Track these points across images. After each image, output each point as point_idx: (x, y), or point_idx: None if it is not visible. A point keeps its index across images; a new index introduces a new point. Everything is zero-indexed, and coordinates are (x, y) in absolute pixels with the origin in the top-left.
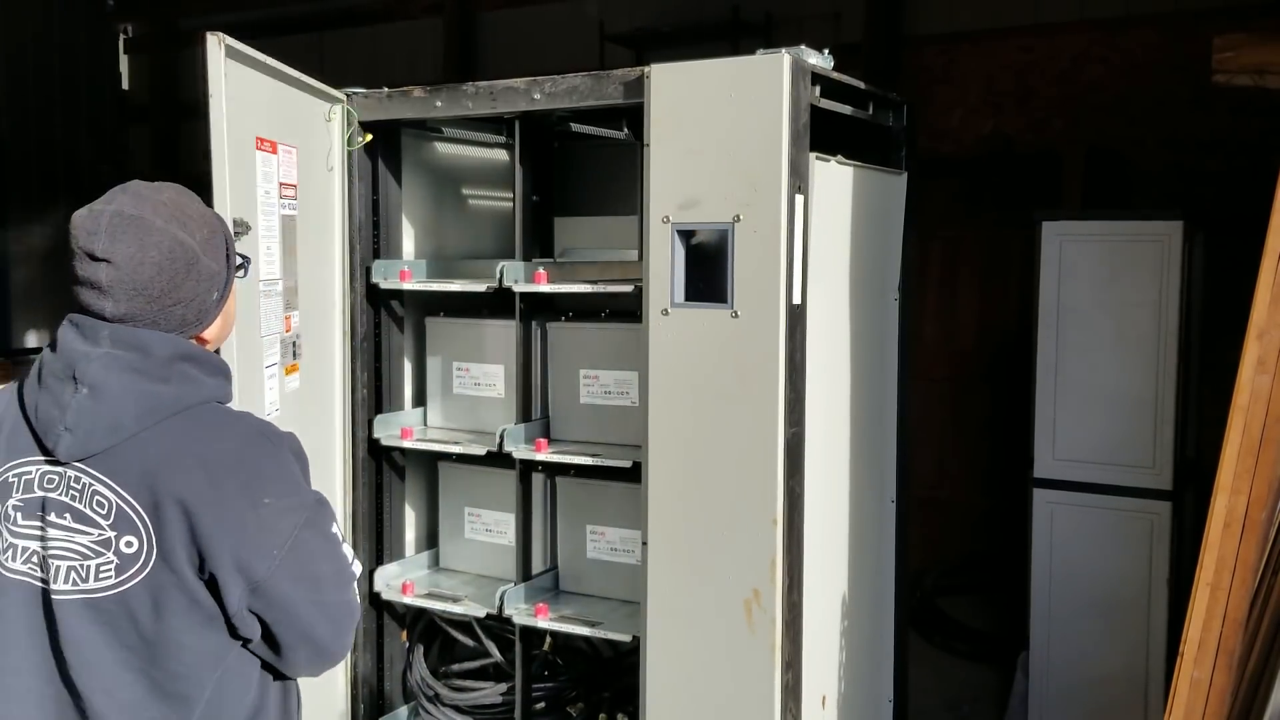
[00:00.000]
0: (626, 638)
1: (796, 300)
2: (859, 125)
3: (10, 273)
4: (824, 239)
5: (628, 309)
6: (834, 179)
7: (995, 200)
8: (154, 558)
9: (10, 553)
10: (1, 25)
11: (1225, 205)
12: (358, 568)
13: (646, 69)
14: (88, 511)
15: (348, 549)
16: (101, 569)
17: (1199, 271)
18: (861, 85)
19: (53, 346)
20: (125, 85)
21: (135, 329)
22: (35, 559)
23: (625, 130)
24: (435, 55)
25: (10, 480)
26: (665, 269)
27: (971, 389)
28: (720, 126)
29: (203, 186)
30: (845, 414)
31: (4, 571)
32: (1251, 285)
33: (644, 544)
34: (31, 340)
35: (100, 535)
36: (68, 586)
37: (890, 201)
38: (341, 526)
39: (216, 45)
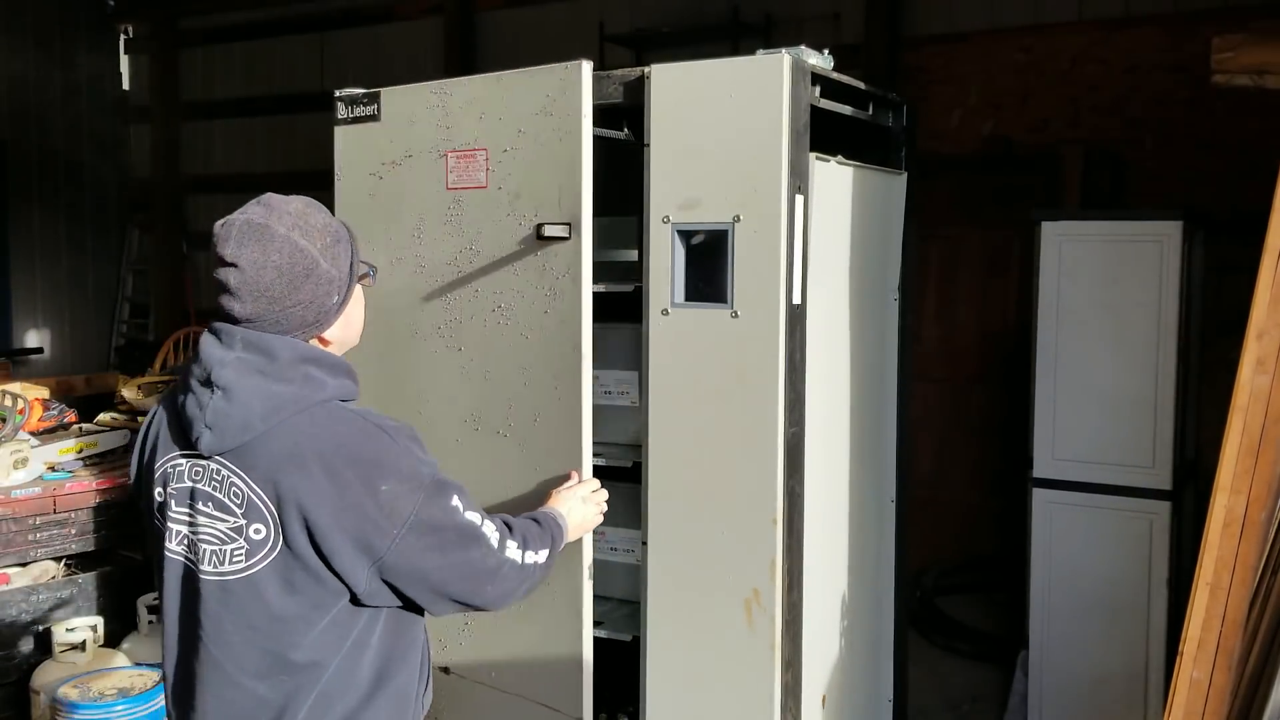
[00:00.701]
0: (626, 637)
1: (796, 300)
2: (859, 125)
3: (10, 273)
4: (824, 239)
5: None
6: (834, 179)
7: (995, 200)
8: (279, 544)
9: (169, 535)
10: (2, 25)
11: (1225, 205)
12: (489, 529)
13: (646, 69)
14: (225, 500)
15: (474, 515)
16: (234, 553)
17: (1198, 271)
18: (861, 85)
19: (196, 353)
20: (125, 85)
21: (263, 335)
22: (186, 541)
23: (625, 130)
24: (435, 55)
25: (168, 471)
26: (665, 269)
27: (971, 389)
28: (720, 126)
29: None
30: (845, 414)
31: (166, 551)
32: (1251, 285)
33: (644, 544)
34: (31, 340)
35: (234, 522)
36: (209, 568)
37: (890, 201)
38: (467, 498)
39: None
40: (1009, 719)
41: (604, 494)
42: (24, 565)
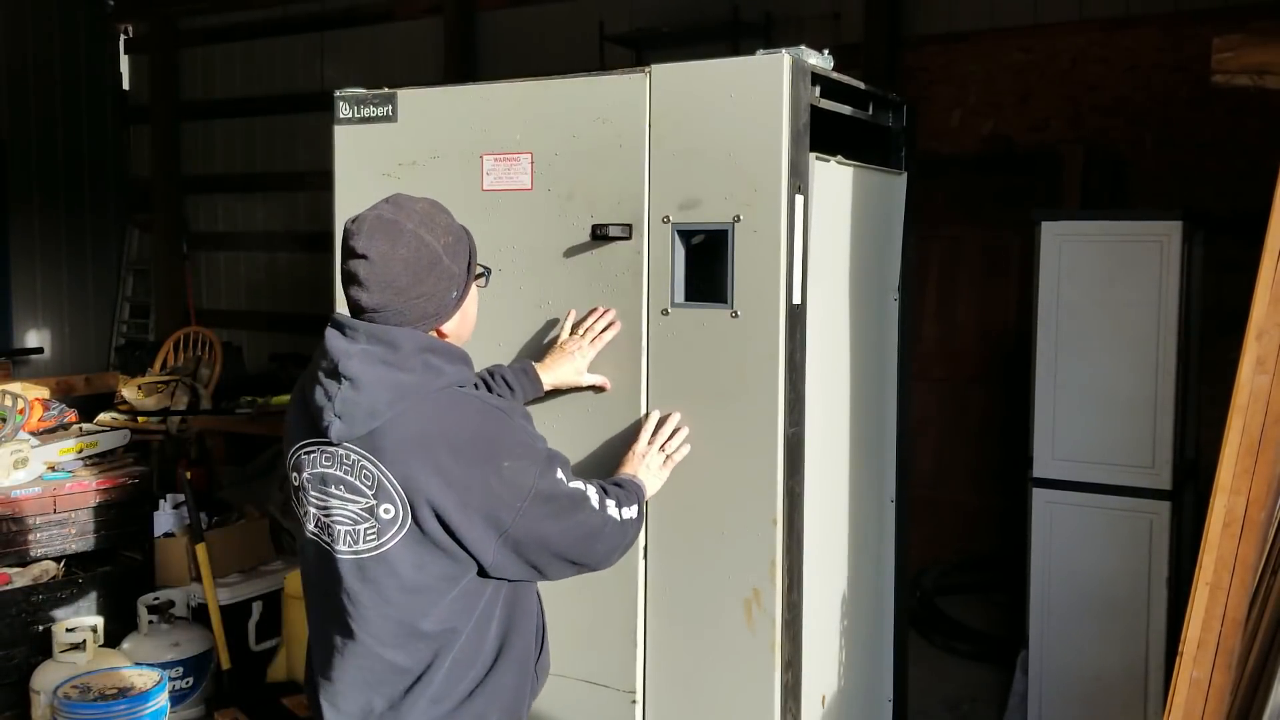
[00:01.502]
0: None
1: (796, 300)
2: (859, 125)
3: (10, 273)
4: (824, 239)
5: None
6: (834, 179)
7: (995, 200)
8: (409, 522)
9: (307, 518)
10: (2, 25)
11: (1225, 205)
12: (590, 492)
13: (647, 69)
14: (357, 483)
15: (577, 482)
16: (366, 533)
17: (1198, 271)
18: (861, 85)
19: (323, 345)
20: (125, 85)
21: (386, 327)
22: (320, 524)
23: None
24: (435, 55)
25: (302, 458)
26: (665, 269)
27: (971, 389)
28: (720, 126)
29: None
30: (845, 414)
31: (307, 533)
32: (1251, 285)
33: (644, 543)
34: (31, 340)
35: (366, 503)
36: (344, 548)
37: (890, 201)
38: (568, 467)
39: None
40: (1009, 719)
41: (680, 447)
42: (24, 565)
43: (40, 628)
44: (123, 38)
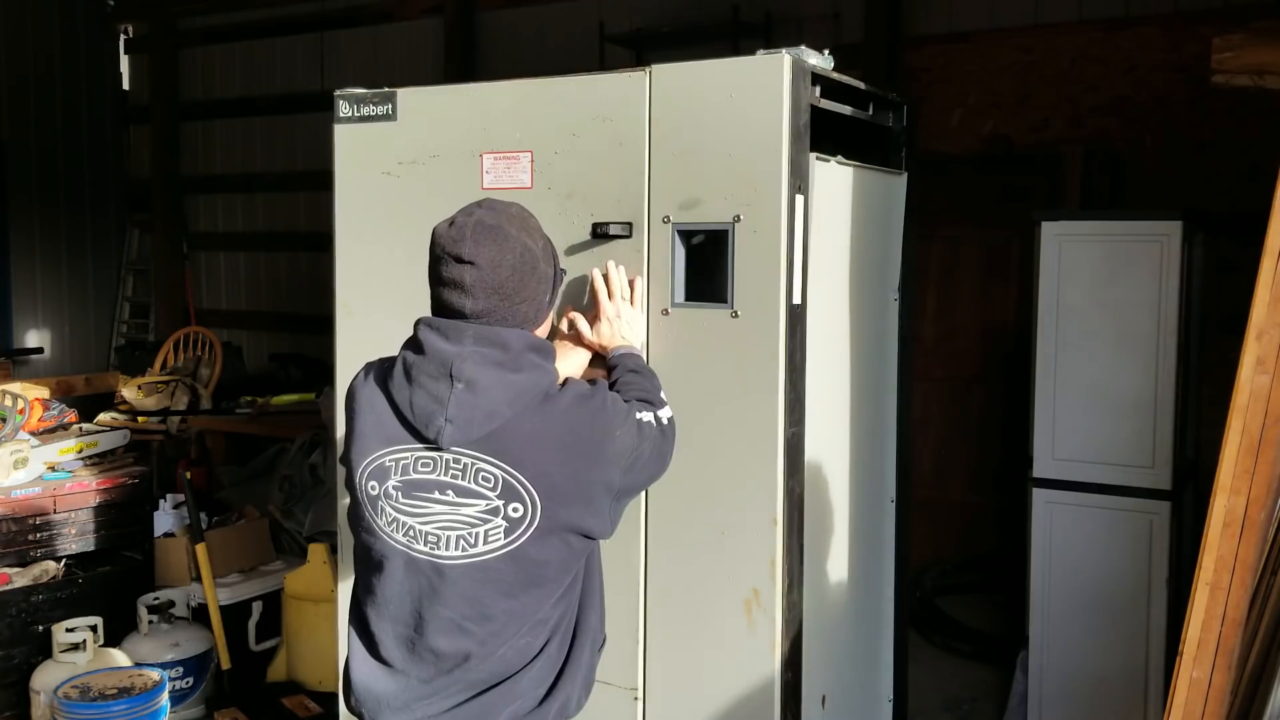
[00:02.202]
0: None
1: (796, 300)
2: (859, 125)
3: (10, 273)
4: (824, 239)
5: None
6: (834, 179)
7: (995, 200)
8: (539, 517)
9: (393, 526)
10: (1, 25)
11: (1225, 205)
12: (646, 416)
13: (647, 69)
14: (473, 486)
15: (638, 412)
16: (490, 533)
17: (1198, 271)
18: (861, 85)
19: (414, 349)
20: (125, 85)
21: (493, 328)
22: (413, 532)
23: None
24: (435, 55)
25: (388, 464)
26: (665, 269)
27: (971, 389)
28: (720, 126)
29: None
30: (845, 414)
31: (390, 541)
32: (1251, 285)
33: (644, 543)
34: (31, 340)
35: (488, 505)
36: (456, 553)
37: (890, 201)
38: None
39: None
40: (1009, 719)
41: (632, 296)
42: (24, 565)
43: (40, 628)
44: (123, 38)
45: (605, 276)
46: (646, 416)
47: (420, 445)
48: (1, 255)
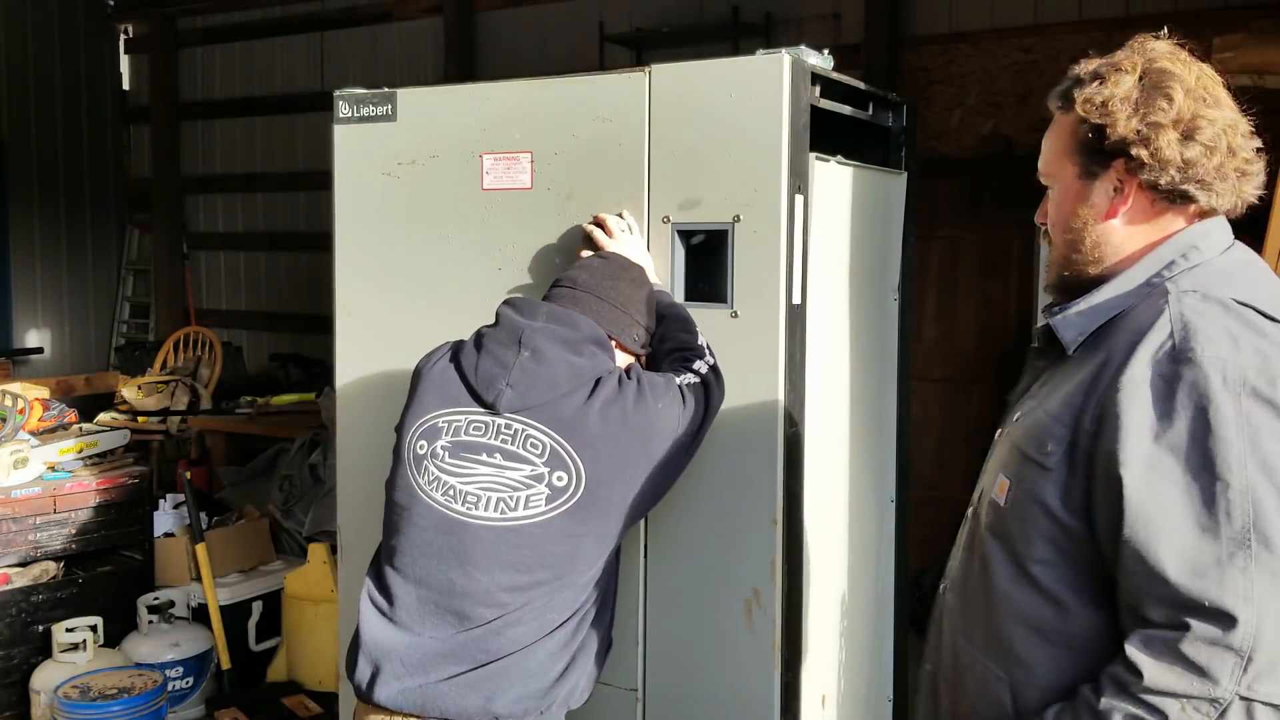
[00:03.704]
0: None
1: (796, 300)
2: (859, 125)
3: (10, 273)
4: (824, 239)
5: None
6: (834, 179)
7: (995, 200)
8: (583, 489)
9: (433, 485)
10: (1, 25)
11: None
12: (687, 380)
13: (646, 69)
14: (521, 451)
15: (680, 377)
16: (532, 499)
17: None
18: (861, 85)
19: (491, 325)
20: (125, 85)
21: (565, 309)
22: (452, 491)
23: None
24: (435, 55)
25: (440, 424)
26: (665, 269)
27: (971, 389)
28: (720, 126)
29: None
30: (845, 414)
31: (428, 499)
32: None
33: (643, 543)
34: (31, 340)
35: (533, 471)
36: (494, 514)
37: (890, 201)
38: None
39: None
40: None
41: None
42: (24, 565)
43: (40, 628)
44: (123, 38)
45: (599, 222)
46: (687, 379)
47: (477, 409)
48: (1, 255)
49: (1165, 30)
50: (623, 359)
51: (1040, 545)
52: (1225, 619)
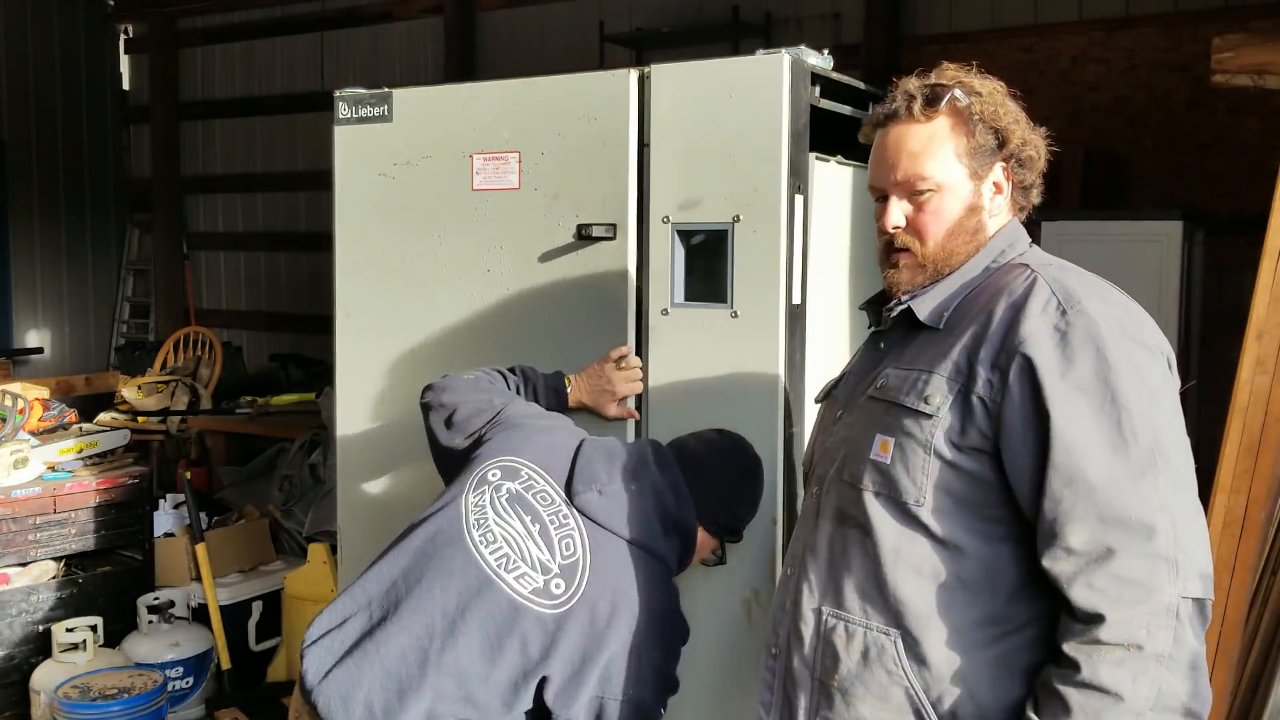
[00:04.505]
0: None
1: (796, 300)
2: (859, 125)
3: (10, 273)
4: (824, 239)
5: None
6: (834, 179)
7: None
8: (565, 611)
9: (477, 512)
10: (2, 25)
11: (1225, 205)
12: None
13: (646, 69)
14: (553, 539)
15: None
16: (522, 577)
17: (1198, 271)
18: (861, 85)
19: (647, 447)
20: (125, 85)
21: (686, 491)
22: (488, 534)
23: None
24: (435, 55)
25: (523, 474)
26: (665, 269)
27: None
28: (720, 126)
29: None
30: None
31: (464, 525)
32: (1251, 285)
33: None
34: (31, 340)
35: (545, 560)
36: (494, 563)
37: None
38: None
39: None
40: None
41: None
42: (24, 565)
43: (40, 628)
44: (123, 38)
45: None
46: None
47: (559, 486)
48: (1, 255)
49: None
50: (703, 539)
51: (933, 494)
52: (1146, 529)
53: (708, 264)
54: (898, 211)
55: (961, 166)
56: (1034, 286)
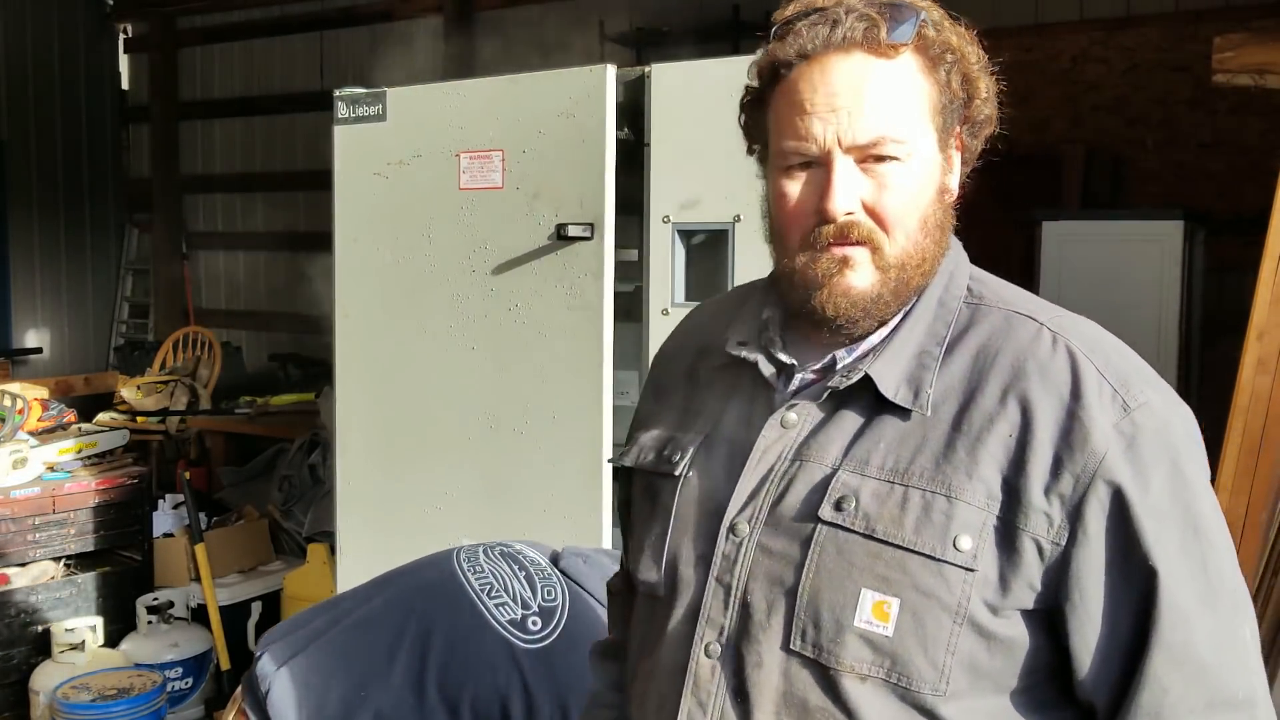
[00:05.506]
0: None
1: None
2: None
3: (10, 273)
4: None
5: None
6: None
7: (995, 200)
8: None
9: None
10: (1, 25)
11: (1225, 205)
12: None
13: (646, 69)
14: (537, 583)
15: None
16: (502, 606)
17: (1198, 271)
18: None
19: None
20: (125, 85)
21: None
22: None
23: (625, 130)
24: (435, 55)
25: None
26: (665, 269)
27: None
28: (720, 126)
29: None
30: None
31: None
32: (1251, 285)
33: None
34: (31, 340)
35: (526, 597)
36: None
37: None
38: None
39: None
40: None
41: None
42: (24, 565)
43: (40, 628)
44: (122, 38)
45: None
46: None
47: (545, 555)
48: (1, 255)
49: None
50: None
51: (958, 675)
52: (1249, 705)
53: (708, 264)
54: (851, 184)
55: (932, 129)
56: (1077, 364)
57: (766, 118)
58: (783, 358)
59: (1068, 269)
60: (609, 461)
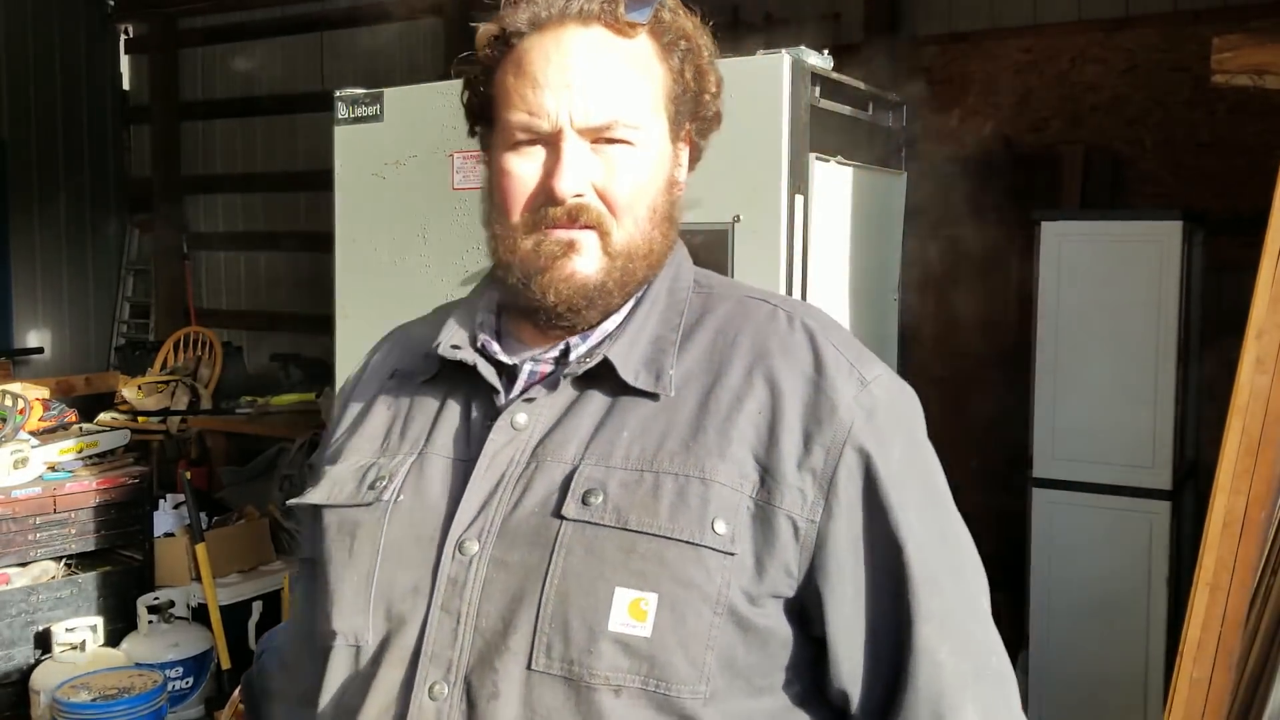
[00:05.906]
0: None
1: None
2: (859, 125)
3: (10, 273)
4: (824, 239)
5: None
6: (834, 179)
7: (995, 200)
8: None
9: None
10: (2, 25)
11: (1225, 205)
12: None
13: None
14: None
15: None
16: None
17: (1198, 271)
18: (861, 85)
19: None
20: (125, 85)
21: None
22: None
23: None
24: (435, 55)
25: None
26: None
27: (971, 389)
28: (720, 126)
29: None
30: None
31: None
32: (1251, 285)
33: None
34: (31, 340)
35: None
36: None
37: (890, 201)
38: None
39: None
40: None
41: None
42: (24, 565)
43: (40, 628)
44: (123, 38)
45: None
46: None
47: None
48: (1, 255)
49: None
50: None
51: (716, 674)
52: (1010, 680)
53: (708, 264)
54: (582, 165)
55: (664, 118)
56: (816, 341)
57: (491, 90)
58: (502, 358)
59: (1066, 269)
60: (288, 503)
